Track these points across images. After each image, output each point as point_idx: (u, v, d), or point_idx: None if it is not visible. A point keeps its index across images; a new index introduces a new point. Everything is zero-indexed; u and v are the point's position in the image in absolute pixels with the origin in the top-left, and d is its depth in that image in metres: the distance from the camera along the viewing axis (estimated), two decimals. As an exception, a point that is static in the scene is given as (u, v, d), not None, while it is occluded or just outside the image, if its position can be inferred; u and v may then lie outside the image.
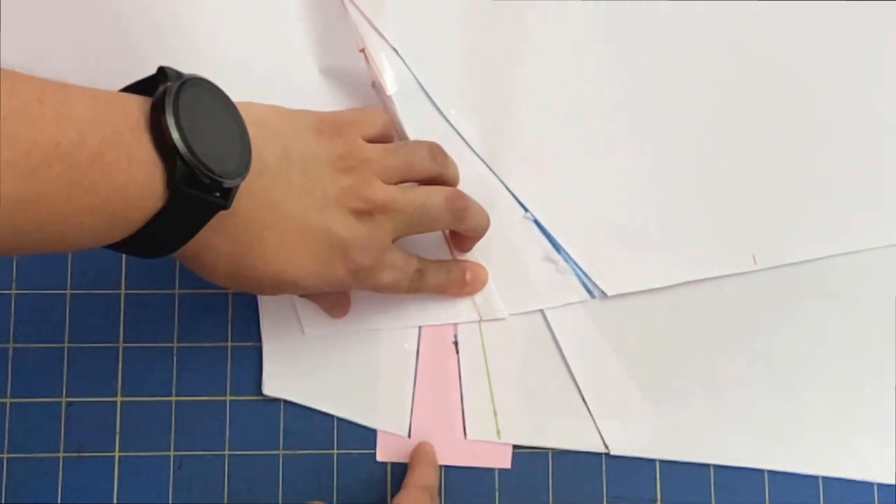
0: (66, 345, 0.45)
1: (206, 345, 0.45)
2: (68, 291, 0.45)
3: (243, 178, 0.32)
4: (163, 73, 0.32)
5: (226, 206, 0.32)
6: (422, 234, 0.43)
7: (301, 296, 0.44)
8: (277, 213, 0.35)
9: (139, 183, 0.30)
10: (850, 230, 0.47)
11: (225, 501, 0.44)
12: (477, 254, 0.45)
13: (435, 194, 0.40)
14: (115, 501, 0.44)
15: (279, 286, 0.37)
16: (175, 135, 0.30)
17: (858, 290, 0.46)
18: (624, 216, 0.46)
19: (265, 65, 0.46)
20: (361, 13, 0.46)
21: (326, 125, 0.38)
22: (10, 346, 0.44)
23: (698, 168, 0.47)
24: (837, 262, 0.46)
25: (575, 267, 0.46)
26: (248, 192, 0.33)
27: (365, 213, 0.38)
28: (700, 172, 0.47)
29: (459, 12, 0.47)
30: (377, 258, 0.39)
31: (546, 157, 0.46)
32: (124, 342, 0.45)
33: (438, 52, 0.46)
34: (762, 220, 0.46)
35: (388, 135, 0.42)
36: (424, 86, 0.46)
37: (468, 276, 0.45)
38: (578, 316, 0.45)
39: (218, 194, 0.31)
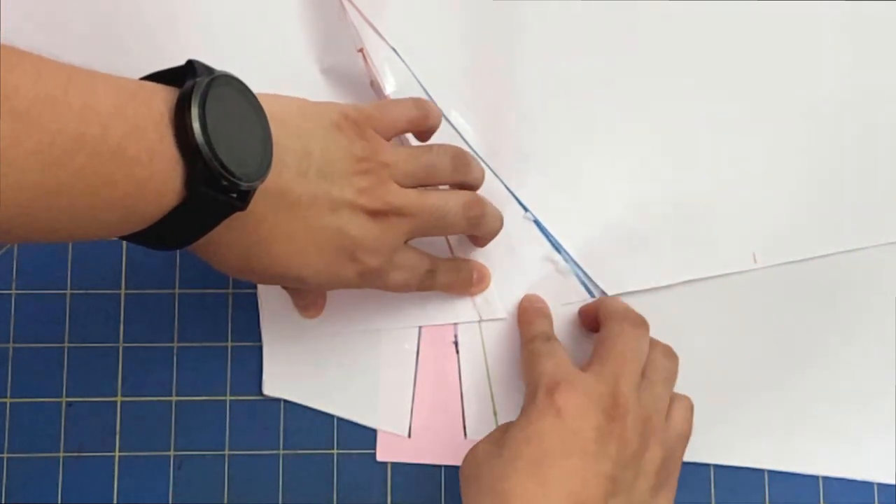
0: (66, 345, 0.44)
1: (206, 345, 0.45)
2: (68, 291, 0.45)
3: (262, 181, 0.32)
4: (191, 66, 0.31)
5: (243, 208, 0.32)
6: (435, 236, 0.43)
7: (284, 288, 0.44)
8: (291, 214, 0.35)
9: (158, 180, 0.29)
10: (851, 229, 0.46)
11: (225, 501, 0.44)
12: (477, 253, 0.45)
13: (452, 200, 0.40)
14: (115, 501, 0.44)
15: (283, 280, 0.37)
16: (199, 135, 0.29)
17: (858, 290, 0.46)
18: (624, 216, 0.46)
19: (265, 65, 0.45)
20: (360, 13, 0.46)
21: (349, 122, 0.37)
22: (10, 346, 0.44)
23: (698, 167, 0.47)
24: (837, 261, 0.46)
25: (575, 267, 0.46)
26: (265, 192, 0.33)
27: (380, 213, 0.37)
28: (700, 172, 0.47)
29: (459, 12, 0.47)
30: (387, 259, 0.38)
31: (546, 157, 0.46)
32: (124, 342, 0.45)
33: (438, 52, 0.46)
34: (762, 219, 0.46)
35: (419, 129, 0.42)
36: (424, 85, 0.46)
37: (475, 276, 0.45)
38: (577, 317, 0.45)
39: (235, 195, 0.31)
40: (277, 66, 0.46)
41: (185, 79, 0.31)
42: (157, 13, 0.45)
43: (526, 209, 0.46)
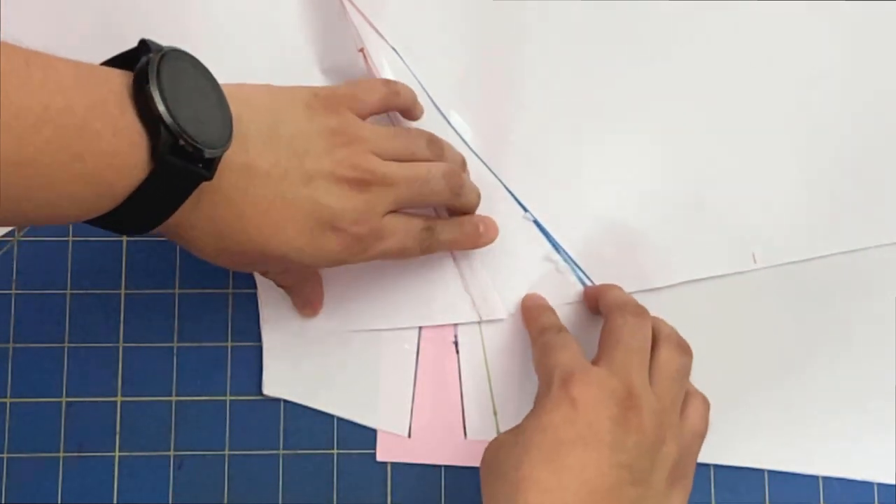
0: (66, 345, 0.45)
1: (206, 345, 0.45)
2: (68, 291, 0.45)
3: (226, 149, 0.32)
4: (144, 45, 0.32)
5: (209, 177, 0.32)
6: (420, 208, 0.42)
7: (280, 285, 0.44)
8: (261, 188, 0.35)
9: (124, 152, 0.30)
10: (851, 230, 0.46)
11: (225, 501, 0.44)
12: (477, 253, 0.45)
13: (434, 168, 0.40)
14: (115, 501, 0.44)
15: (267, 261, 0.37)
16: (159, 103, 0.30)
17: (858, 291, 0.46)
18: (623, 216, 0.46)
19: (265, 65, 0.46)
20: (361, 13, 0.46)
21: (319, 101, 0.38)
22: (10, 346, 0.44)
23: (698, 168, 0.47)
24: (837, 261, 0.46)
25: (574, 267, 0.46)
26: (231, 167, 0.34)
27: (362, 182, 0.37)
28: (700, 172, 0.47)
29: (459, 13, 0.47)
30: (373, 227, 0.38)
31: (545, 158, 0.46)
32: (124, 342, 0.45)
33: (438, 52, 0.46)
34: (762, 219, 0.46)
35: (390, 107, 0.42)
36: (424, 85, 0.46)
37: (481, 227, 0.44)
38: (578, 315, 0.45)
39: (201, 165, 0.32)
40: (278, 66, 0.46)
41: (137, 60, 0.31)
42: (158, 15, 0.45)
43: (525, 209, 0.46)
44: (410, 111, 0.44)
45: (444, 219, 0.43)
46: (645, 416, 0.36)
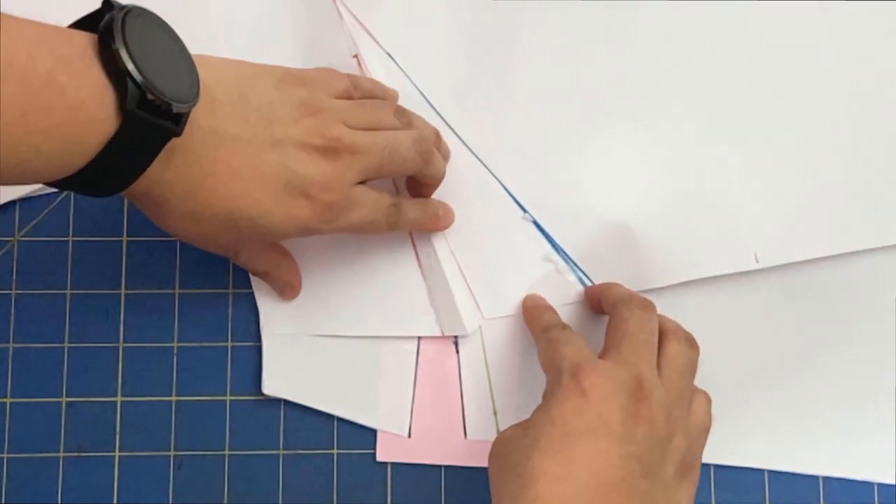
0: (66, 345, 0.45)
1: (206, 345, 0.45)
2: (68, 291, 0.45)
3: (194, 104, 0.33)
4: (108, 4, 0.32)
5: (177, 133, 0.32)
6: (389, 177, 0.43)
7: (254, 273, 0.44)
8: (230, 149, 0.35)
9: (91, 106, 0.30)
10: (852, 230, 0.46)
11: (225, 501, 0.44)
12: (476, 253, 0.45)
13: (403, 136, 0.40)
14: (115, 501, 0.44)
15: (236, 226, 0.37)
16: (125, 57, 0.31)
17: (859, 291, 0.46)
18: (623, 216, 0.46)
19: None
20: (356, 18, 0.46)
21: (290, 76, 0.39)
22: (10, 346, 0.44)
23: (699, 167, 0.47)
24: (837, 262, 0.46)
25: (574, 267, 0.46)
26: (200, 127, 0.34)
27: (331, 150, 0.37)
28: (701, 171, 0.47)
29: (453, 15, 0.47)
30: (343, 195, 0.38)
31: (544, 158, 0.46)
32: (124, 342, 0.45)
33: (433, 54, 0.47)
34: (764, 220, 0.46)
35: (352, 96, 0.42)
36: (421, 89, 0.46)
37: (441, 211, 0.45)
38: (578, 316, 0.46)
39: (169, 121, 0.32)
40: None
41: (100, 21, 0.32)
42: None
43: (525, 210, 0.46)
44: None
45: (409, 198, 0.44)
46: (655, 407, 0.36)
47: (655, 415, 0.36)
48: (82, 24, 0.33)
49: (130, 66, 0.31)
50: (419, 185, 0.44)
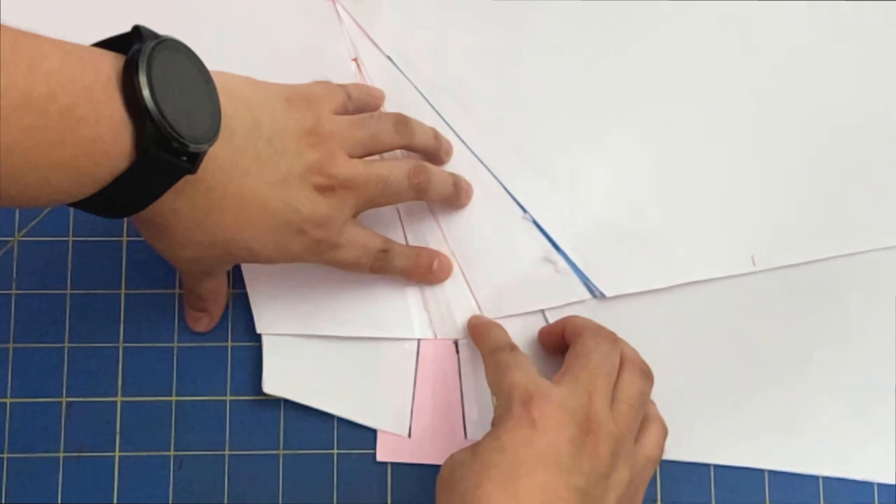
0: (66, 345, 0.45)
1: (206, 345, 0.45)
2: (68, 291, 0.45)
3: (211, 144, 0.33)
4: (137, 31, 0.32)
5: (192, 171, 0.32)
6: (387, 206, 0.43)
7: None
8: (241, 183, 0.36)
9: (107, 140, 0.30)
10: (850, 232, 0.46)
11: (225, 501, 0.44)
12: (476, 254, 0.45)
13: (397, 169, 0.41)
14: (115, 501, 0.44)
15: (230, 252, 0.37)
16: (147, 95, 0.30)
17: (858, 291, 0.46)
18: (623, 217, 0.46)
19: (259, 75, 0.45)
20: (355, 22, 0.46)
21: (297, 97, 0.39)
22: (10, 346, 0.44)
23: (698, 169, 0.47)
24: (837, 262, 0.46)
25: (574, 267, 0.46)
26: (215, 160, 0.34)
27: (328, 188, 0.38)
28: (700, 173, 0.47)
29: (453, 18, 0.47)
30: (335, 233, 0.39)
31: (544, 159, 0.46)
32: (124, 342, 0.45)
33: (433, 57, 0.47)
34: (761, 222, 0.46)
35: (357, 107, 0.43)
36: (421, 91, 0.46)
37: (435, 265, 0.45)
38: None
39: (185, 158, 0.32)
40: (271, 75, 0.46)
41: (131, 45, 0.31)
42: (149, 24, 0.45)
43: (525, 210, 0.46)
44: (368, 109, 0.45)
45: (403, 246, 0.44)
46: (602, 440, 0.36)
47: (602, 448, 0.36)
48: (115, 42, 0.32)
49: (151, 105, 0.30)
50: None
